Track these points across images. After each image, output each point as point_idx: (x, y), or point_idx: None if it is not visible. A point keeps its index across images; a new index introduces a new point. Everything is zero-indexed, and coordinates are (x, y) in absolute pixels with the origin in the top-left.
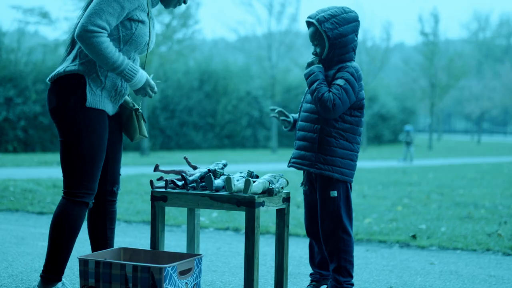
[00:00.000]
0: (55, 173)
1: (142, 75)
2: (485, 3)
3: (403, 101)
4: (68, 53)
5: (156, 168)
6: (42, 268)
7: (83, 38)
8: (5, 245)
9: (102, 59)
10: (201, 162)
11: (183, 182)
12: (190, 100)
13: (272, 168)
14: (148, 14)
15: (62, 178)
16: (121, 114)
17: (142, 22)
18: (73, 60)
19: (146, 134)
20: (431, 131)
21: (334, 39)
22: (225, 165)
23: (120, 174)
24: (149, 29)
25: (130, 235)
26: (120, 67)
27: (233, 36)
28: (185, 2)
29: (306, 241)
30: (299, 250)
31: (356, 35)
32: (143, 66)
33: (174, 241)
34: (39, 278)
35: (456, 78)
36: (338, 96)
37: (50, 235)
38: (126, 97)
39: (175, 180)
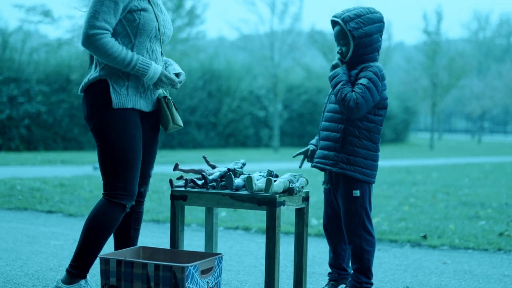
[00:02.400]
0: (60, 171)
1: (156, 68)
2: (485, 3)
3: (405, 101)
4: (91, 63)
5: (175, 167)
6: (69, 263)
7: (87, 44)
8: (18, 244)
9: (111, 60)
10: (203, 161)
11: (203, 181)
12: (193, 100)
13: (274, 167)
14: (149, 0)
15: (67, 177)
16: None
17: (144, 10)
18: (95, 68)
19: (181, 123)
20: (432, 130)
21: (359, 39)
22: (244, 164)
23: (150, 176)
24: (155, 14)
25: (140, 233)
26: (131, 63)
27: (235, 34)
28: None
29: (318, 240)
30: (311, 249)
31: (381, 36)
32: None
33: (184, 240)
34: (65, 272)
35: (457, 78)
36: (362, 95)
37: (83, 232)
38: None
39: (195, 179)
